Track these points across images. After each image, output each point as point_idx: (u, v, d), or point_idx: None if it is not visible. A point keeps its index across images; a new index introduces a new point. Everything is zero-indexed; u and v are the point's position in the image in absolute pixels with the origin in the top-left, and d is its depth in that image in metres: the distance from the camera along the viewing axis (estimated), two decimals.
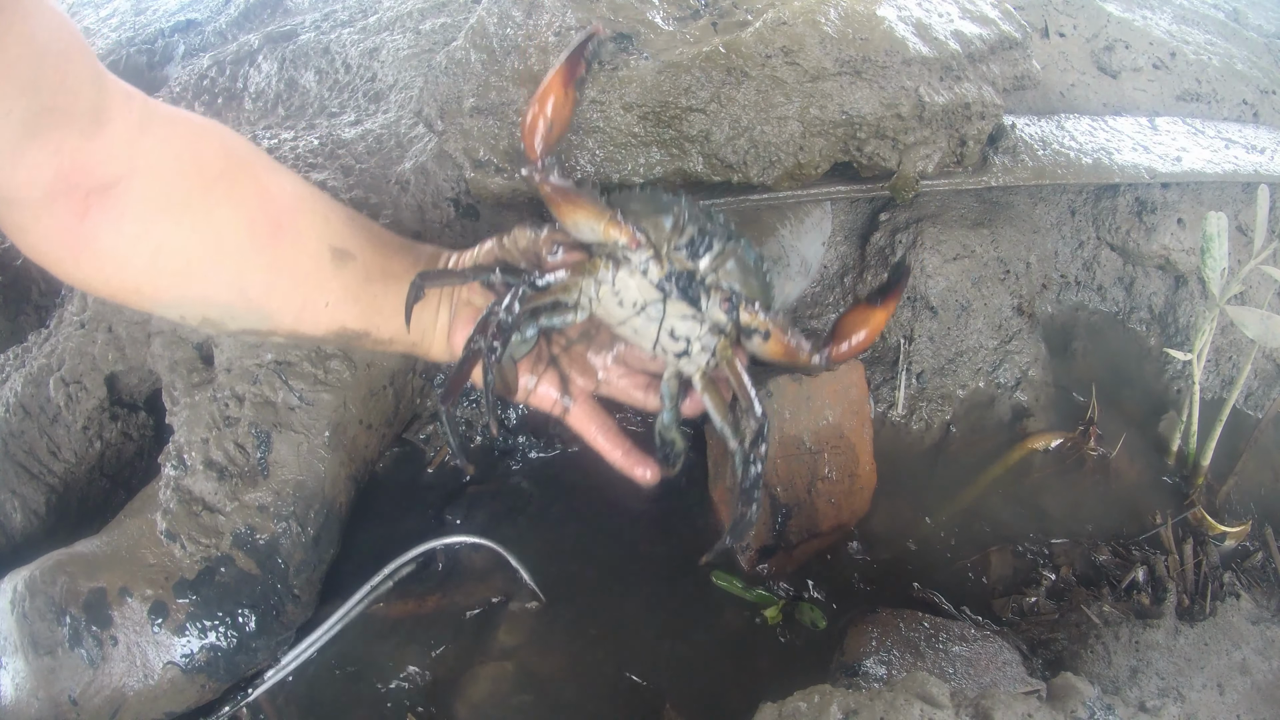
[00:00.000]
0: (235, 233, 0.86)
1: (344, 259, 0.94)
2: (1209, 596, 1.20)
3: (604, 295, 0.93)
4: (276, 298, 0.91)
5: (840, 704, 0.81)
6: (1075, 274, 1.67)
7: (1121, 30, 1.80)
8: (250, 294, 0.89)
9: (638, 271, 0.92)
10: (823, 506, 1.23)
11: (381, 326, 0.98)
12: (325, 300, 0.93)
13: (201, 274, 0.85)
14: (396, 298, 0.98)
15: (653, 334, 0.94)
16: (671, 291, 0.91)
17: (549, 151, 0.93)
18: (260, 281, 0.89)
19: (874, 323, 0.94)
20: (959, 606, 1.19)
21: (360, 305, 0.96)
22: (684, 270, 0.91)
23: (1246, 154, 1.59)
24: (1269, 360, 1.58)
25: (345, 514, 1.16)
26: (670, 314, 0.92)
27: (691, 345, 0.94)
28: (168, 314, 0.89)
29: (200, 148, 0.84)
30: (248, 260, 0.87)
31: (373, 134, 1.37)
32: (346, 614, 1.14)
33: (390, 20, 1.59)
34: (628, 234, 0.90)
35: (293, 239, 0.90)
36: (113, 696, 1.01)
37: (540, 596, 1.17)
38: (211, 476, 1.06)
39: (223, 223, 0.85)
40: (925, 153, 1.30)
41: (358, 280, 0.95)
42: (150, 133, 0.80)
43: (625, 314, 0.94)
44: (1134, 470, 1.43)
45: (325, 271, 0.93)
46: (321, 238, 0.93)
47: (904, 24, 1.26)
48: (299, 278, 0.91)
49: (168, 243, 0.82)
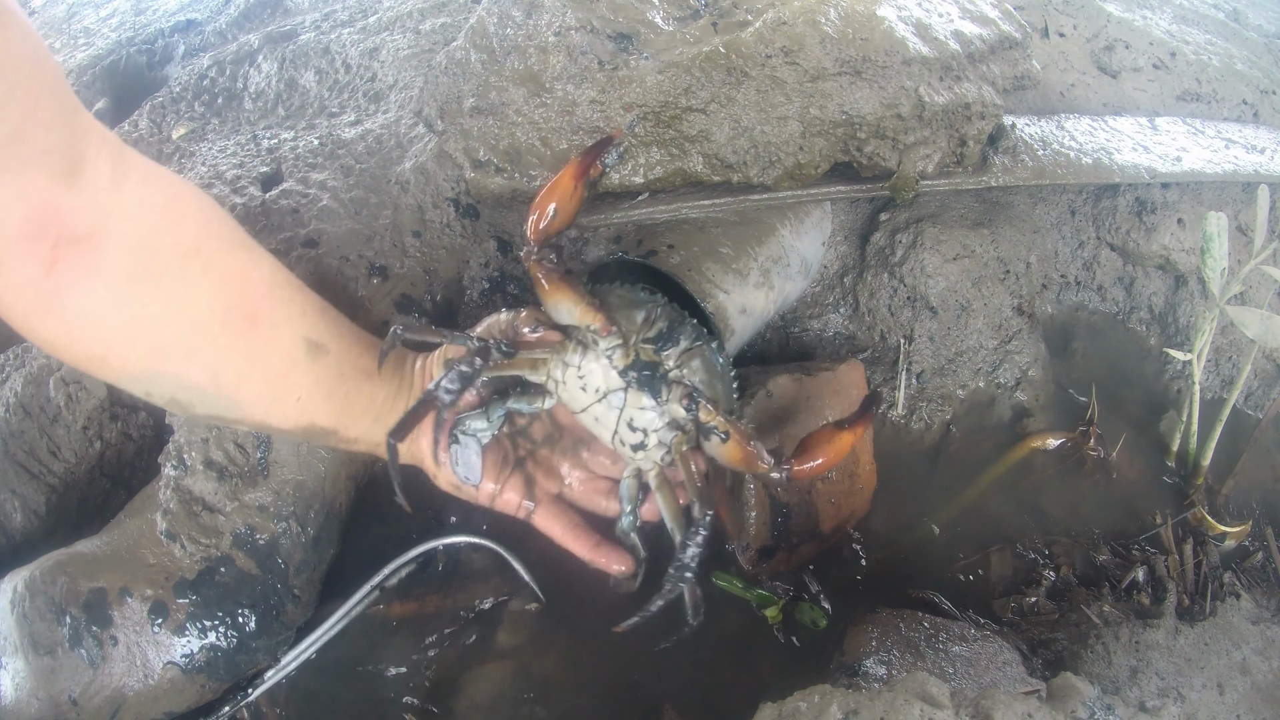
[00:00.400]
0: (212, 315, 0.82)
1: (318, 352, 0.91)
2: (1209, 596, 1.20)
3: (569, 378, 0.96)
4: (249, 388, 0.87)
5: (840, 704, 0.81)
6: (1075, 274, 1.67)
7: (1121, 30, 1.80)
8: (222, 380, 0.85)
9: (603, 357, 0.94)
10: (823, 506, 1.23)
11: (350, 425, 0.96)
12: (297, 395, 0.90)
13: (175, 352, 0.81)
14: (367, 396, 0.96)
15: (612, 423, 0.96)
16: (633, 381, 0.94)
17: (548, 238, 0.95)
18: (234, 369, 0.85)
19: (839, 445, 0.96)
20: (959, 606, 1.19)
21: (332, 402, 0.93)
22: (649, 362, 0.94)
23: (1246, 154, 1.59)
24: (1269, 360, 1.58)
25: (345, 514, 1.16)
26: (630, 404, 0.95)
27: (648, 438, 0.96)
28: (133, 389, 0.84)
29: (179, 214, 0.80)
30: (222, 346, 0.84)
31: (373, 134, 1.37)
32: (346, 614, 1.14)
33: (390, 20, 1.59)
34: (601, 320, 0.93)
35: (269, 328, 0.87)
36: (113, 696, 1.01)
37: (540, 596, 1.17)
38: (211, 476, 1.06)
39: (200, 302, 0.81)
40: (925, 153, 1.30)
41: (330, 375, 0.92)
42: (126, 188, 0.75)
43: (588, 399, 0.96)
44: (1134, 470, 1.43)
45: (300, 365, 0.89)
46: (296, 329, 0.89)
47: (904, 24, 1.26)
48: (273, 370, 0.88)
49: (143, 314, 0.78)
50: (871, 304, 1.48)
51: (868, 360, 1.46)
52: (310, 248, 1.22)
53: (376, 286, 1.23)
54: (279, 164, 1.33)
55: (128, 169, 0.76)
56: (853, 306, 1.51)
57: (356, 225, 1.26)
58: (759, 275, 1.31)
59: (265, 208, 1.25)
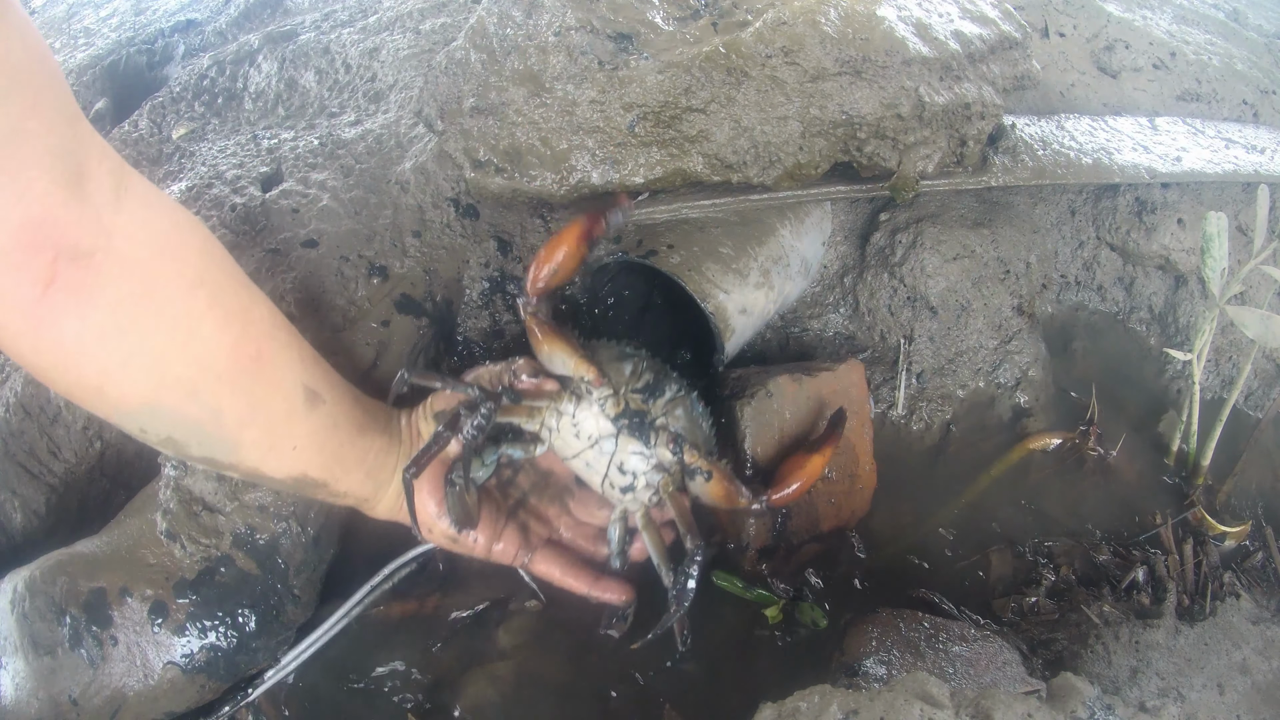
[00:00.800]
0: (219, 351, 0.78)
1: (315, 401, 0.89)
2: (1209, 596, 1.20)
3: (563, 426, 1.03)
4: (250, 432, 0.84)
5: (840, 704, 0.81)
6: (1075, 274, 1.68)
7: (1121, 30, 1.80)
8: (225, 421, 0.81)
9: (595, 406, 1.02)
10: (823, 507, 1.23)
11: (340, 478, 0.95)
12: (294, 444, 0.88)
13: (178, 388, 0.76)
14: (360, 449, 0.95)
15: (603, 468, 1.03)
16: (624, 428, 1.01)
17: (546, 292, 1.02)
18: (237, 411, 0.81)
19: (811, 469, 1.04)
20: (959, 606, 1.19)
21: (325, 454, 0.91)
22: (637, 410, 1.02)
23: (1246, 154, 1.59)
24: (1269, 360, 1.58)
25: (345, 514, 1.16)
26: (621, 449, 1.02)
27: (637, 480, 1.03)
28: (126, 424, 0.79)
29: (182, 241, 0.76)
30: (227, 384, 0.80)
31: (373, 134, 1.37)
32: (346, 614, 1.14)
33: (390, 20, 1.59)
34: (594, 372, 1.00)
35: (272, 371, 0.84)
36: (113, 696, 1.01)
37: (540, 596, 1.17)
38: (211, 476, 1.06)
39: (206, 336, 0.77)
40: (925, 153, 1.30)
41: (326, 426, 0.90)
42: (128, 207, 0.71)
43: (580, 446, 1.02)
44: (1134, 470, 1.43)
45: (298, 412, 0.87)
46: (297, 375, 0.87)
47: (904, 24, 1.26)
48: (274, 415, 0.85)
49: (145, 344, 0.73)
50: (871, 304, 1.48)
51: (868, 360, 1.46)
52: (310, 248, 1.22)
53: (376, 286, 1.23)
54: (279, 164, 1.33)
55: (129, 187, 0.72)
56: (853, 306, 1.51)
57: (356, 225, 1.26)
58: (759, 275, 1.31)
59: (265, 208, 1.25)
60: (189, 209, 1.26)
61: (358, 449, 0.95)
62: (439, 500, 1.00)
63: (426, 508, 1.01)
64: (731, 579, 1.18)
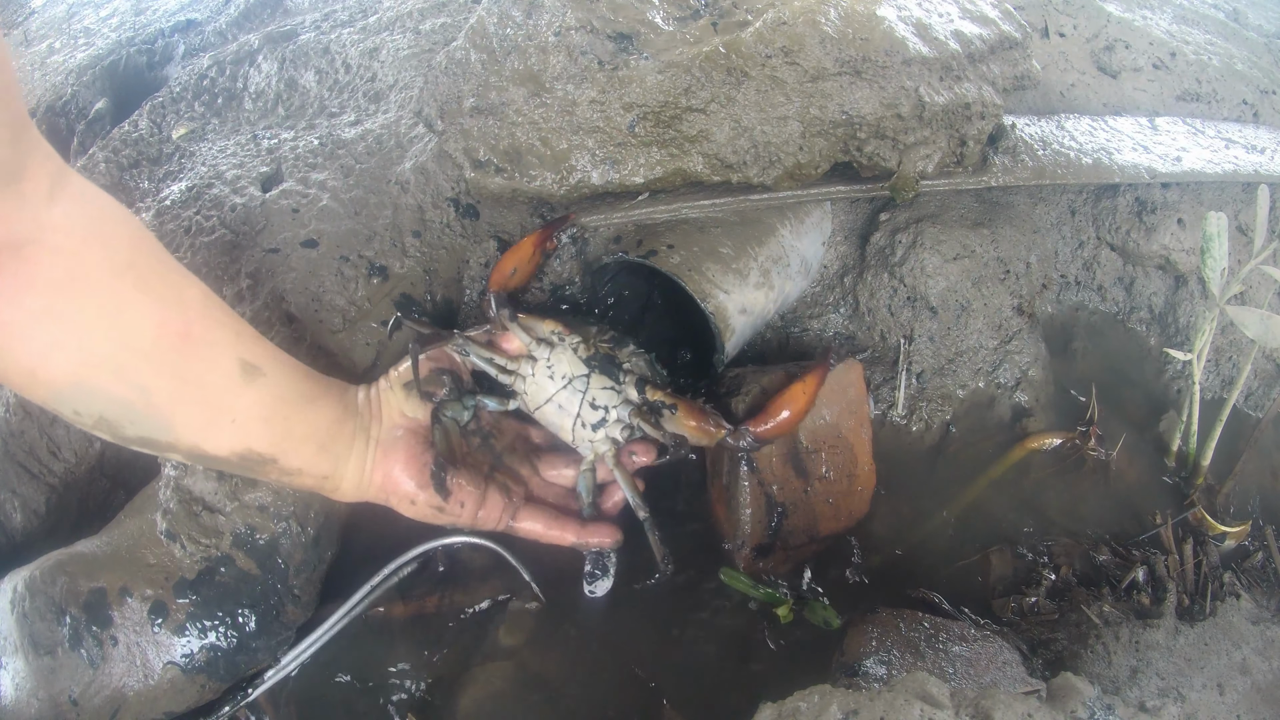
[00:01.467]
0: (145, 331, 0.80)
1: (253, 374, 0.89)
2: (1209, 596, 1.20)
3: (538, 370, 1.13)
4: (182, 408, 0.85)
5: (840, 704, 0.81)
6: (1075, 274, 1.68)
7: (1121, 30, 1.80)
8: (154, 399, 0.83)
9: (569, 350, 1.14)
10: (820, 506, 1.23)
11: (290, 454, 0.94)
12: (232, 417, 0.88)
13: (104, 367, 0.79)
14: (309, 422, 0.95)
15: (575, 406, 1.12)
16: (595, 366, 1.13)
17: (504, 287, 1.17)
18: (167, 388, 0.83)
19: (793, 397, 1.09)
20: (959, 606, 1.19)
21: (270, 427, 0.91)
22: (607, 354, 1.15)
23: (1246, 154, 1.59)
24: (1269, 360, 1.58)
25: (345, 514, 1.16)
26: (594, 385, 1.13)
27: (609, 414, 1.12)
28: (61, 408, 0.82)
29: (111, 231, 0.79)
30: (155, 363, 0.82)
31: (373, 134, 1.37)
32: (346, 614, 1.14)
33: (390, 20, 1.59)
34: (563, 326, 1.13)
35: (203, 347, 0.85)
36: (113, 696, 1.01)
37: (540, 596, 1.17)
38: (211, 476, 1.06)
39: (132, 317, 0.79)
40: (925, 153, 1.30)
41: (268, 398, 0.91)
42: (61, 202, 0.75)
43: (554, 387, 1.12)
44: (1134, 470, 1.43)
45: (234, 385, 0.88)
46: (232, 349, 0.88)
47: (904, 24, 1.26)
48: (207, 390, 0.86)
49: (72, 326, 0.76)
50: (871, 304, 1.48)
51: (868, 360, 1.46)
52: (310, 248, 1.22)
53: (376, 286, 1.23)
54: (279, 164, 1.33)
55: (64, 184, 0.76)
56: (853, 306, 1.51)
57: (356, 225, 1.26)
58: (759, 275, 1.31)
59: (265, 208, 1.25)
60: (189, 209, 1.27)
61: (307, 421, 0.95)
62: (419, 474, 1.02)
63: (405, 485, 1.02)
64: (739, 576, 1.18)
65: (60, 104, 1.73)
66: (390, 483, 1.03)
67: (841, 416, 1.25)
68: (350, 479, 1.01)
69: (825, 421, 1.24)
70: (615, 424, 1.13)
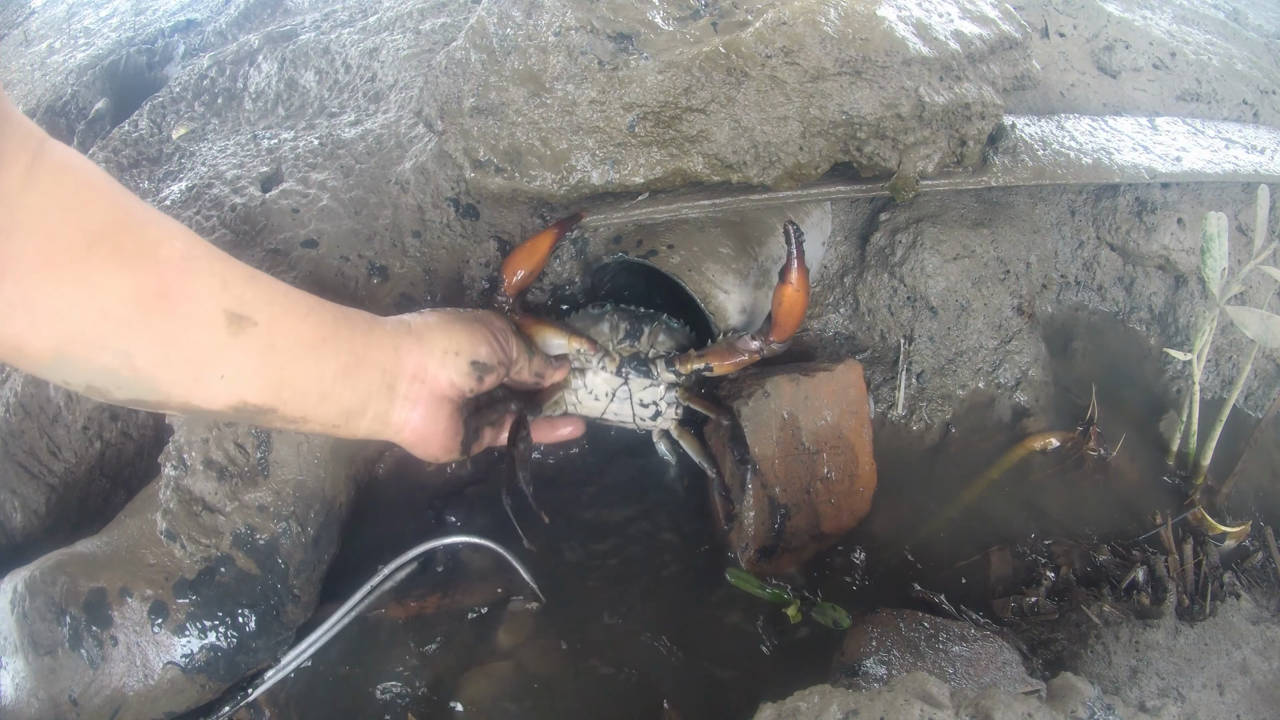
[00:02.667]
0: (120, 297, 0.80)
1: (241, 325, 0.86)
2: (1209, 596, 1.20)
3: (582, 398, 1.23)
4: (166, 370, 0.84)
5: (840, 704, 0.81)
6: (1075, 274, 1.67)
7: (1121, 30, 1.80)
8: (137, 363, 0.82)
9: (599, 370, 1.21)
10: (822, 507, 1.23)
11: (290, 402, 0.91)
12: (220, 372, 0.86)
13: (83, 338, 0.79)
14: (310, 370, 0.91)
15: (629, 411, 1.23)
16: (628, 374, 1.21)
17: (519, 289, 1.18)
18: (148, 351, 0.82)
19: (785, 299, 1.11)
20: (959, 606, 1.19)
21: (263, 378, 0.89)
22: (631, 355, 1.21)
23: (1246, 154, 1.59)
24: (1269, 360, 1.58)
25: (345, 514, 1.16)
26: (635, 389, 1.22)
27: (660, 405, 1.23)
28: (52, 377, 0.82)
29: (85, 200, 0.79)
30: (133, 328, 0.81)
31: (373, 134, 1.37)
32: (346, 614, 1.14)
33: (390, 20, 1.59)
34: (586, 342, 1.19)
35: (184, 305, 0.83)
36: (113, 696, 1.01)
37: (540, 596, 1.17)
38: (211, 476, 1.06)
39: (105, 286, 0.79)
40: (925, 153, 1.30)
41: (259, 349, 0.88)
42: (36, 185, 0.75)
43: (603, 404, 1.23)
44: (1134, 470, 1.43)
45: (220, 340, 0.85)
46: (216, 302, 0.86)
47: (904, 24, 1.26)
48: (191, 348, 0.84)
49: (47, 303, 0.77)
50: (871, 304, 1.48)
51: (868, 360, 1.46)
52: (310, 248, 1.22)
53: (376, 286, 1.23)
54: (279, 164, 1.33)
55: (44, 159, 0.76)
56: (853, 306, 1.51)
57: (356, 225, 1.26)
58: (759, 275, 1.31)
59: (265, 208, 1.25)
60: (189, 209, 1.27)
61: (306, 370, 0.91)
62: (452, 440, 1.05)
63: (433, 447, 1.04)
64: (747, 577, 1.18)
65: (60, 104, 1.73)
66: (418, 439, 1.01)
67: (843, 417, 1.25)
68: (365, 428, 0.98)
69: (827, 422, 1.24)
70: (669, 408, 1.23)
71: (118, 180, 0.87)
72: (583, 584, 1.21)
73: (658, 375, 1.20)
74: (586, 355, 1.19)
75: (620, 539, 1.28)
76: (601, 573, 1.23)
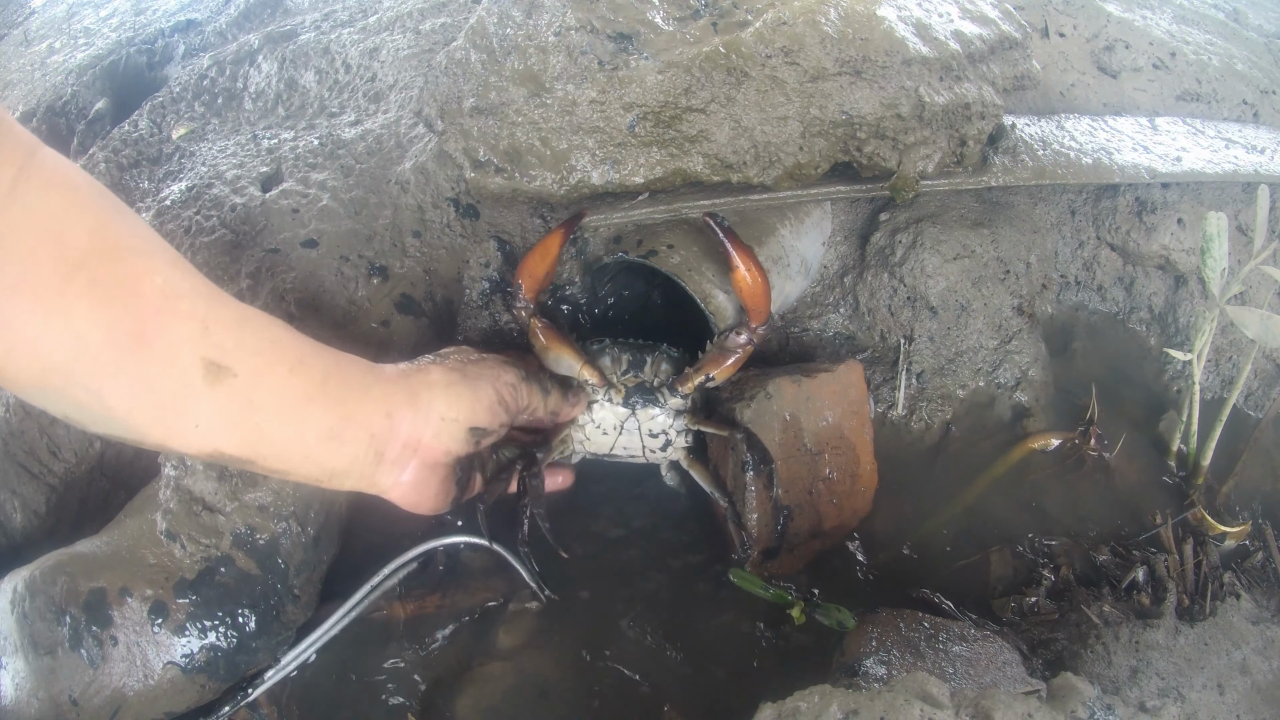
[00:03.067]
0: (94, 335, 0.75)
1: (220, 376, 0.81)
2: (1209, 596, 1.20)
3: (590, 433, 1.22)
4: (140, 415, 0.80)
5: (840, 704, 0.80)
6: (1075, 274, 1.67)
7: (1121, 30, 1.80)
8: (111, 405, 0.78)
9: (605, 403, 1.20)
10: (824, 507, 1.23)
11: (270, 457, 0.87)
12: (195, 422, 0.81)
13: (58, 372, 0.75)
14: (292, 428, 0.86)
15: (638, 443, 1.23)
16: (637, 404, 1.20)
17: (537, 292, 1.16)
18: (121, 393, 0.78)
19: (739, 280, 1.12)
20: (959, 606, 1.19)
21: (241, 432, 0.84)
22: (635, 386, 1.20)
23: (1246, 154, 1.59)
24: (1269, 360, 1.58)
25: (345, 514, 1.16)
26: (643, 420, 1.21)
27: (670, 434, 1.23)
28: (33, 402, 0.79)
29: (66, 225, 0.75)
30: (106, 367, 0.77)
31: (373, 134, 1.37)
32: (346, 614, 1.14)
33: (390, 20, 1.59)
34: (597, 375, 1.16)
35: (160, 349, 0.79)
36: (113, 696, 1.01)
37: (540, 597, 1.17)
38: (211, 476, 1.06)
39: (81, 320, 0.74)
40: (925, 153, 1.30)
41: (238, 403, 0.83)
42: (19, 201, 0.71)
43: (611, 438, 1.22)
44: (1134, 470, 1.43)
45: (195, 390, 0.80)
46: (195, 348, 0.81)
47: (904, 24, 1.26)
48: (164, 395, 0.80)
49: (24, 332, 0.73)
50: (871, 304, 1.48)
51: (868, 360, 1.46)
52: (310, 248, 1.22)
53: (376, 286, 1.23)
54: (279, 164, 1.33)
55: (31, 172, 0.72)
56: (853, 306, 1.51)
57: (356, 225, 1.26)
58: None
59: (265, 208, 1.25)
60: (189, 209, 1.27)
61: (289, 428, 0.87)
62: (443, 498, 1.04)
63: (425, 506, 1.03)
64: (751, 578, 1.18)
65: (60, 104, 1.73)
66: (406, 501, 1.00)
67: (844, 417, 1.25)
68: (350, 484, 0.96)
69: (828, 423, 1.24)
70: (679, 435, 1.23)
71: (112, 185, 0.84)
72: (583, 584, 1.21)
73: (665, 402, 1.19)
74: (594, 388, 1.18)
75: (621, 539, 1.28)
76: (602, 573, 1.23)
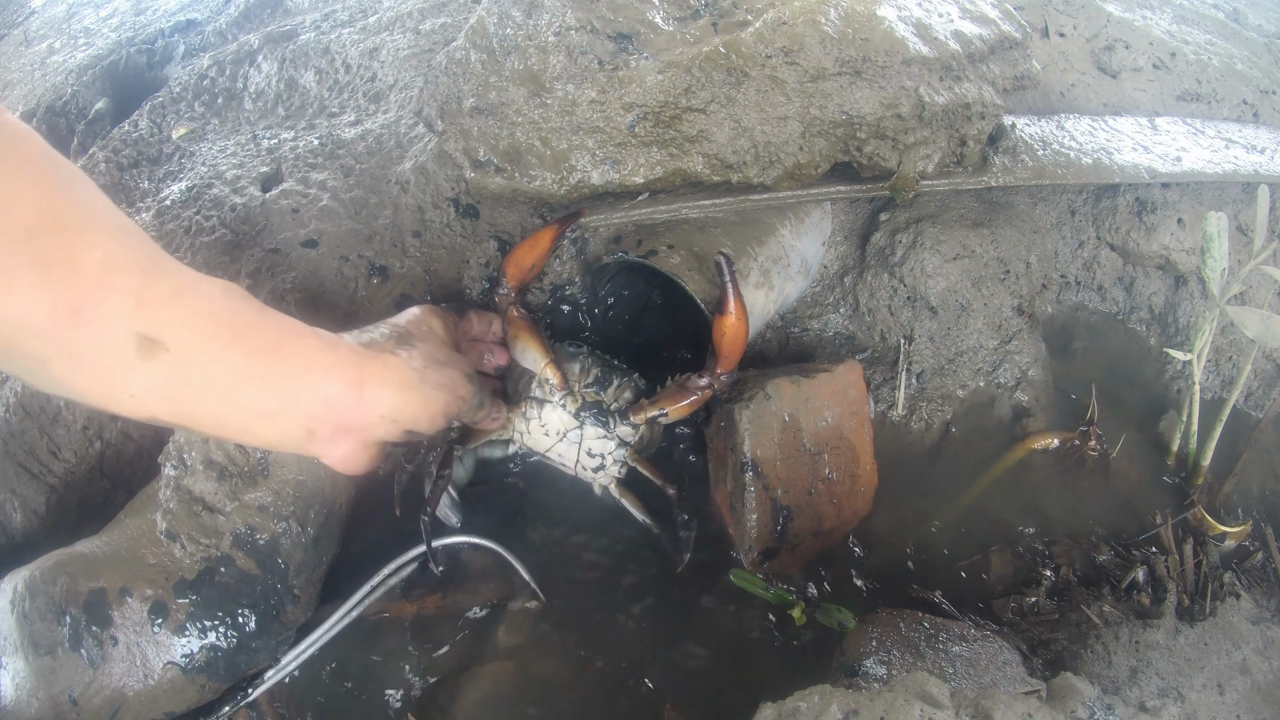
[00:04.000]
0: (35, 309, 0.79)
1: (153, 351, 0.84)
2: (1209, 596, 1.20)
3: (533, 429, 1.20)
4: (79, 382, 0.84)
5: (840, 704, 0.81)
6: (1075, 274, 1.67)
7: (1121, 30, 1.80)
8: (54, 374, 0.82)
9: (558, 407, 1.19)
10: (824, 507, 1.23)
11: (205, 426, 0.90)
12: (129, 392, 0.84)
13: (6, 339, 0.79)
14: (224, 404, 0.88)
15: (573, 456, 1.21)
16: (586, 420, 1.19)
17: (521, 283, 1.17)
18: (61, 364, 0.82)
19: (724, 330, 1.11)
20: (959, 606, 1.19)
21: (174, 405, 0.87)
22: (594, 402, 1.19)
23: (1246, 154, 1.59)
24: (1269, 360, 1.58)
25: (345, 514, 1.16)
26: (587, 436, 1.19)
27: (606, 460, 1.21)
28: None
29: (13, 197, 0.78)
30: (47, 339, 0.80)
31: (373, 134, 1.37)
32: (346, 614, 1.14)
33: (390, 20, 1.59)
34: (559, 376, 1.16)
35: (94, 323, 0.81)
36: (113, 696, 1.01)
37: (540, 596, 1.17)
38: (211, 476, 1.06)
39: (23, 295, 0.78)
40: (925, 153, 1.30)
41: (169, 377, 0.85)
42: None
43: (550, 441, 1.20)
44: (1134, 470, 1.43)
45: (129, 364, 0.83)
46: (128, 322, 0.83)
47: (904, 24, 1.26)
48: (98, 368, 0.83)
49: None
50: (871, 304, 1.48)
51: (867, 360, 1.46)
52: (310, 248, 1.22)
53: (376, 286, 1.23)
54: (279, 164, 1.33)
55: None
56: (853, 306, 1.51)
57: (356, 225, 1.26)
58: (759, 275, 1.31)
59: (265, 208, 1.25)
60: (189, 209, 1.27)
61: (222, 404, 0.88)
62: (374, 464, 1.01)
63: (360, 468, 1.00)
64: (752, 578, 1.18)
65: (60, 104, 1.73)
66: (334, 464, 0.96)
67: (843, 418, 1.25)
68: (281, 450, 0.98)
69: (828, 423, 1.24)
70: (614, 464, 1.21)
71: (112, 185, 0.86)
72: (583, 584, 1.21)
73: (613, 429, 1.18)
74: (552, 388, 1.18)
75: (620, 538, 1.28)
76: (602, 573, 1.23)
